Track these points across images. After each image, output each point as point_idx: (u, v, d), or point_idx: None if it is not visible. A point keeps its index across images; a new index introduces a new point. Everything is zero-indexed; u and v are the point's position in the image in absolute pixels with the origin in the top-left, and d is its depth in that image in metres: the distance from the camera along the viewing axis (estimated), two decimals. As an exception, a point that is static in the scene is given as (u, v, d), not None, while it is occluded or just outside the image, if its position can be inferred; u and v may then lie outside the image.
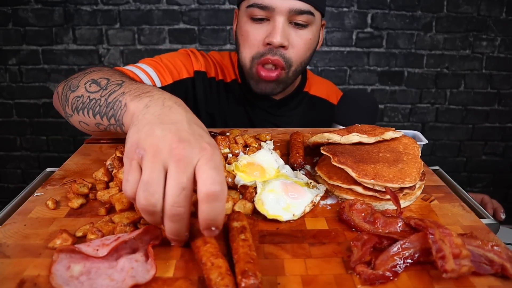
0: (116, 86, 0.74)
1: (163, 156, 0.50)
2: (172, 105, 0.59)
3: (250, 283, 0.46)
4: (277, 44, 1.06)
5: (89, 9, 2.33)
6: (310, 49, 1.16)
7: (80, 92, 0.80)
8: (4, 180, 2.71)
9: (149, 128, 0.54)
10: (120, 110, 0.68)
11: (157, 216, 0.51)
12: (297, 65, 1.15)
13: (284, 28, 1.06)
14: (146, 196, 0.49)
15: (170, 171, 0.50)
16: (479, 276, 0.52)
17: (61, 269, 0.51)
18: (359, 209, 0.64)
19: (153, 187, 0.49)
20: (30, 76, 2.45)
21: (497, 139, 2.65)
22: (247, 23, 1.11)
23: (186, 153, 0.50)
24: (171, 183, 0.49)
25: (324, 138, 0.80)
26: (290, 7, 1.04)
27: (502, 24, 2.41)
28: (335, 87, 1.49)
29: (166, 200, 0.49)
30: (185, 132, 0.53)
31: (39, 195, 0.71)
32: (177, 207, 0.49)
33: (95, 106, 0.76)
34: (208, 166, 0.50)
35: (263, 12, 1.06)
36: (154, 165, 0.50)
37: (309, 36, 1.12)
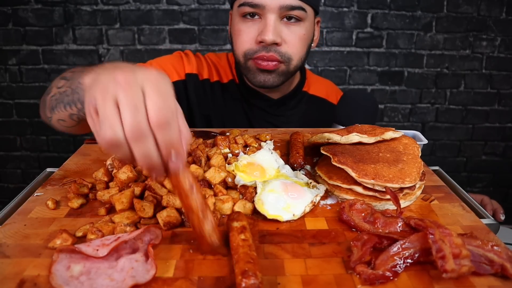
0: (78, 73, 0.77)
1: (111, 90, 0.50)
2: (117, 64, 0.57)
3: (250, 283, 0.46)
4: (269, 41, 1.06)
5: (89, 9, 2.33)
6: (305, 44, 1.15)
7: (53, 91, 0.85)
8: (4, 180, 2.71)
9: (94, 79, 0.54)
10: (82, 91, 0.67)
11: (124, 147, 0.50)
12: (298, 60, 1.15)
13: (276, 25, 1.06)
14: (106, 131, 0.49)
15: (120, 99, 0.50)
16: (479, 276, 0.52)
17: (61, 269, 0.51)
18: (359, 209, 0.64)
19: (109, 120, 0.49)
20: (30, 76, 2.45)
21: (497, 139, 2.65)
22: (239, 22, 1.11)
23: (130, 78, 0.50)
24: (123, 107, 0.49)
25: (324, 138, 0.80)
26: (280, 4, 1.04)
27: (502, 24, 2.40)
28: (335, 87, 1.49)
29: (124, 125, 0.49)
30: (129, 67, 0.54)
31: (39, 195, 0.71)
32: (136, 126, 0.49)
33: (63, 98, 0.79)
34: (153, 92, 0.50)
35: (254, 10, 1.06)
36: (105, 102, 0.50)
37: (302, 32, 1.11)
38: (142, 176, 0.72)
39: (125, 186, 0.68)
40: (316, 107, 1.37)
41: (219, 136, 0.87)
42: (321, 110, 1.37)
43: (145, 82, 0.51)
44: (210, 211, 0.56)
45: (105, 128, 0.49)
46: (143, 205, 0.61)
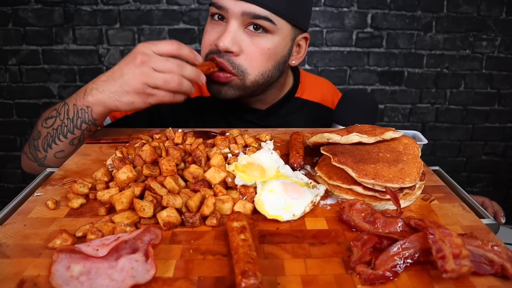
0: (63, 107, 0.95)
1: (146, 70, 0.87)
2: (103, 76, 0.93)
3: (250, 283, 0.46)
4: (222, 48, 0.99)
5: (89, 9, 2.33)
6: (270, 59, 1.05)
7: (43, 133, 0.98)
8: (4, 180, 2.71)
9: (125, 82, 0.88)
10: (87, 113, 0.92)
11: (186, 71, 0.91)
12: (257, 75, 1.05)
13: (235, 33, 0.99)
14: (173, 79, 0.89)
15: (155, 65, 0.87)
16: (479, 276, 0.52)
17: (61, 269, 0.51)
18: (359, 209, 0.64)
19: (167, 75, 0.88)
20: (30, 76, 2.45)
21: (497, 139, 2.66)
22: (209, 22, 1.07)
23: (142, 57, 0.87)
24: (163, 65, 0.88)
25: (324, 138, 0.80)
26: (243, 10, 0.96)
27: (502, 24, 2.41)
28: (332, 88, 1.42)
29: (173, 70, 0.89)
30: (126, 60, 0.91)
31: (39, 195, 0.71)
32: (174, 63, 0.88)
33: (61, 129, 0.95)
34: (157, 46, 0.89)
35: (219, 12, 1.01)
36: (153, 75, 0.87)
37: (266, 45, 1.01)
38: (142, 176, 0.72)
39: (125, 186, 0.68)
40: (311, 113, 1.30)
41: (219, 136, 0.87)
42: (316, 115, 1.31)
43: (145, 48, 0.89)
44: None
45: (169, 83, 0.87)
46: (143, 205, 0.61)
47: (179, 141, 0.85)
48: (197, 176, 0.71)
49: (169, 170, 0.70)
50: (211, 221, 0.62)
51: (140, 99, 0.88)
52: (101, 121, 0.96)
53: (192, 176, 0.71)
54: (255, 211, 0.66)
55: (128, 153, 0.78)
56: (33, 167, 1.04)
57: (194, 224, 0.62)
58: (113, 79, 0.89)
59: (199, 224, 0.62)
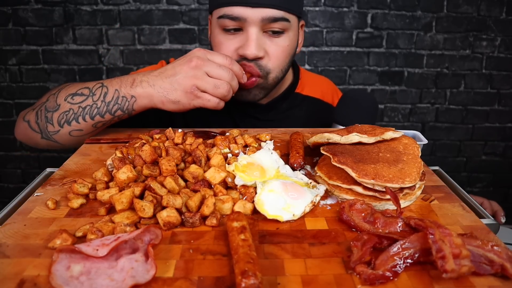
0: (101, 88, 0.94)
1: (199, 73, 0.91)
2: (155, 72, 0.94)
3: (250, 283, 0.46)
4: (251, 56, 1.01)
5: (89, 9, 2.33)
6: (288, 55, 1.11)
7: (65, 107, 0.95)
8: (4, 180, 2.71)
9: (176, 81, 0.91)
10: (128, 102, 0.93)
11: (233, 83, 0.95)
12: (277, 72, 1.11)
13: (258, 39, 1.01)
14: (223, 86, 0.92)
15: (208, 70, 0.92)
16: (479, 276, 0.52)
17: (61, 269, 0.51)
18: (359, 209, 0.64)
19: (218, 81, 0.92)
20: (30, 76, 2.45)
21: (497, 139, 2.65)
22: (219, 34, 1.06)
23: (198, 61, 0.91)
24: (216, 71, 0.92)
25: (324, 138, 0.80)
26: (262, 16, 0.99)
27: (502, 24, 2.41)
28: (332, 85, 1.44)
29: (224, 78, 0.92)
30: (181, 62, 0.95)
31: (39, 195, 0.71)
32: (226, 70, 0.93)
33: (91, 110, 0.93)
34: (210, 55, 0.94)
35: (235, 23, 1.01)
36: (205, 79, 0.91)
37: (286, 43, 1.07)
38: (142, 176, 0.72)
39: (125, 186, 0.68)
40: (311, 108, 1.33)
41: (219, 136, 0.87)
42: (316, 110, 1.34)
43: (201, 53, 0.93)
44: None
45: (218, 88, 0.91)
46: (143, 205, 0.61)
47: (179, 141, 0.85)
48: (197, 176, 0.71)
49: (169, 170, 0.70)
50: (211, 221, 0.62)
51: (186, 99, 0.90)
52: (137, 113, 0.97)
53: (192, 176, 0.71)
54: (255, 211, 0.66)
55: (128, 153, 0.79)
56: (32, 137, 1.01)
57: (194, 224, 0.62)
58: (165, 76, 0.91)
59: (199, 224, 0.62)
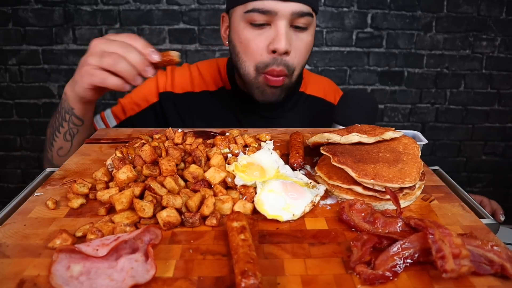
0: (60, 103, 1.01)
1: (97, 52, 0.86)
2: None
3: (250, 283, 0.46)
4: (283, 50, 1.02)
5: (89, 9, 2.33)
6: (309, 51, 1.13)
7: (48, 133, 1.04)
8: (4, 180, 2.71)
9: (81, 67, 0.89)
10: (66, 102, 0.97)
11: (130, 55, 0.85)
12: (299, 70, 1.13)
13: (287, 33, 1.03)
14: (112, 59, 0.85)
15: (105, 49, 0.86)
16: (479, 276, 0.52)
17: (60, 269, 0.51)
18: (359, 209, 0.64)
19: (106, 54, 0.85)
20: (30, 76, 2.45)
21: (497, 139, 2.66)
22: (245, 29, 1.05)
23: (94, 48, 0.87)
24: (111, 47, 0.86)
25: (324, 138, 0.80)
26: (293, 10, 1.01)
27: (502, 24, 2.41)
28: (334, 85, 1.46)
29: (116, 50, 0.85)
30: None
31: (39, 195, 0.71)
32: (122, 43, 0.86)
33: (57, 124, 1.00)
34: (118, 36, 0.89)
35: (264, 17, 1.01)
36: (98, 59, 0.86)
37: (309, 38, 1.09)
38: (142, 176, 0.72)
39: (125, 186, 0.68)
40: (314, 107, 1.35)
41: (218, 136, 0.87)
42: (319, 110, 1.35)
43: (96, 46, 0.87)
44: None
45: (117, 64, 0.83)
46: (143, 205, 0.61)
47: (179, 141, 0.85)
48: (197, 176, 0.71)
49: (169, 170, 0.70)
50: (211, 221, 0.62)
51: (84, 79, 0.89)
52: (80, 112, 0.98)
53: (192, 176, 0.71)
54: (255, 211, 0.66)
55: (128, 153, 0.79)
56: (49, 163, 1.08)
57: (194, 224, 0.62)
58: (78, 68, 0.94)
59: (199, 224, 0.62)
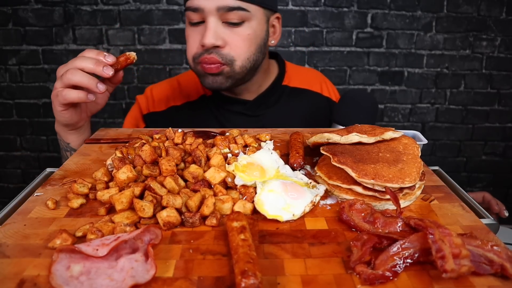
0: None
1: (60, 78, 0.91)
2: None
3: (250, 283, 0.46)
4: (208, 45, 1.06)
5: (89, 9, 2.33)
6: (252, 44, 1.13)
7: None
8: (4, 180, 2.71)
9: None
10: (61, 140, 1.07)
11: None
12: (243, 61, 1.13)
13: (216, 28, 1.07)
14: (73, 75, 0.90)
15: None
16: (479, 276, 0.52)
17: (61, 269, 0.51)
18: (359, 209, 0.64)
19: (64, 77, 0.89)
20: (30, 76, 2.45)
21: (497, 139, 2.65)
22: (187, 27, 1.14)
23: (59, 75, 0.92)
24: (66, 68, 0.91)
25: (324, 138, 0.80)
26: (217, 5, 1.04)
27: (502, 24, 2.41)
28: (320, 75, 1.46)
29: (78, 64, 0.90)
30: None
31: (39, 195, 0.71)
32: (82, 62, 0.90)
33: (65, 155, 1.09)
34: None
35: (197, 15, 1.08)
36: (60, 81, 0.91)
37: (246, 32, 1.10)
38: (142, 176, 0.72)
39: (125, 186, 0.68)
40: (299, 99, 1.35)
41: (218, 136, 0.87)
42: (304, 101, 1.35)
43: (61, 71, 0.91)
44: None
45: (73, 77, 0.88)
46: (143, 205, 0.61)
47: (179, 141, 0.85)
48: (197, 176, 0.71)
49: (169, 170, 0.71)
50: (211, 221, 0.62)
51: (54, 104, 0.95)
52: (76, 143, 1.05)
53: (192, 176, 0.71)
54: (255, 211, 0.66)
55: (128, 153, 0.79)
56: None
57: (194, 224, 0.62)
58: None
59: (199, 224, 0.62)
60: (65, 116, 0.96)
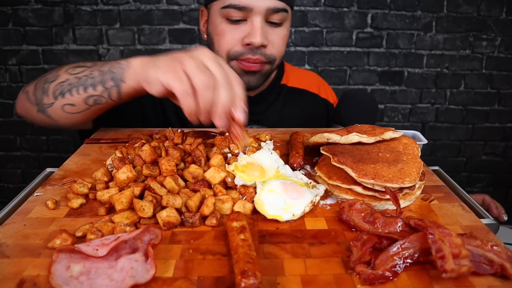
0: (105, 62, 0.89)
1: (199, 56, 0.73)
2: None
3: (250, 283, 0.46)
4: (258, 44, 1.07)
5: (89, 9, 2.33)
6: (286, 43, 1.18)
7: (62, 78, 0.91)
8: (4, 180, 2.71)
9: (174, 54, 0.75)
10: (120, 69, 0.84)
11: (220, 90, 0.71)
12: (279, 59, 1.18)
13: (263, 28, 1.07)
14: (206, 74, 0.70)
15: (207, 61, 0.72)
16: (479, 276, 0.52)
17: (60, 269, 0.51)
18: (359, 209, 0.64)
19: (204, 67, 0.71)
20: (30, 76, 2.45)
21: (497, 139, 2.65)
22: (222, 23, 1.09)
23: (208, 52, 0.74)
24: (213, 65, 0.72)
25: (324, 138, 0.80)
26: (267, 6, 1.05)
27: (502, 24, 2.40)
28: (318, 78, 1.49)
29: (215, 74, 0.71)
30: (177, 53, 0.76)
31: (39, 195, 0.71)
32: (223, 73, 0.72)
33: (86, 80, 0.88)
34: (211, 60, 0.73)
35: (240, 13, 1.06)
36: (196, 60, 0.71)
37: (284, 32, 1.14)
38: (142, 176, 0.72)
39: (125, 186, 0.68)
40: (297, 99, 1.37)
41: (218, 136, 0.87)
42: (302, 101, 1.37)
43: (202, 56, 0.72)
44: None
45: (200, 72, 0.69)
46: (142, 205, 0.61)
47: (179, 141, 0.85)
48: (197, 176, 0.71)
49: (168, 170, 0.71)
50: (211, 221, 0.62)
51: (164, 74, 0.72)
52: (127, 90, 0.85)
53: (192, 176, 0.71)
54: (255, 211, 0.66)
55: (128, 153, 0.79)
56: (30, 111, 0.96)
57: (194, 224, 0.62)
58: (164, 55, 0.79)
59: (198, 224, 0.62)
60: (156, 87, 0.74)
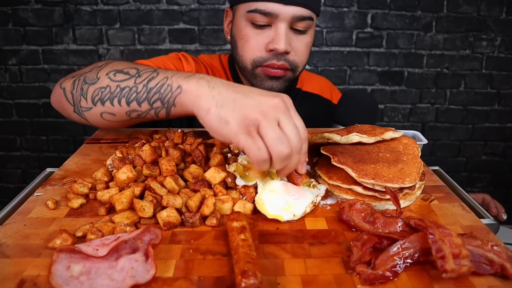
0: (151, 73, 0.78)
1: (272, 114, 0.63)
2: (224, 81, 0.71)
3: (250, 283, 0.46)
4: (281, 51, 1.07)
5: (89, 9, 2.33)
6: (309, 51, 1.18)
7: (103, 83, 0.81)
8: (4, 180, 2.71)
9: (242, 102, 0.64)
10: (171, 93, 0.73)
11: (293, 157, 0.64)
12: (303, 67, 1.18)
13: (287, 35, 1.07)
14: (286, 146, 0.61)
15: (283, 121, 0.63)
16: (479, 276, 0.52)
17: (61, 269, 0.51)
18: (359, 209, 0.64)
19: (284, 137, 0.62)
20: (30, 76, 2.45)
21: (497, 139, 2.65)
22: (247, 27, 1.10)
23: (282, 104, 0.66)
24: (289, 128, 0.63)
25: (324, 138, 0.80)
26: (293, 14, 1.04)
27: (502, 24, 2.40)
28: (330, 83, 1.49)
29: (291, 141, 0.63)
30: (263, 92, 0.68)
31: (39, 195, 0.71)
32: (298, 142, 0.64)
33: (129, 93, 0.78)
34: (296, 114, 0.69)
35: (265, 19, 1.05)
36: (273, 124, 0.62)
37: (308, 40, 1.14)
38: (142, 176, 0.72)
39: (125, 186, 0.68)
40: (311, 104, 1.38)
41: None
42: (315, 106, 1.38)
43: (279, 113, 0.64)
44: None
45: (284, 143, 0.61)
46: (143, 205, 0.61)
47: (179, 141, 0.85)
48: (197, 176, 0.71)
49: (169, 170, 0.71)
50: (211, 221, 0.62)
51: (237, 128, 0.63)
52: (175, 114, 0.77)
53: (192, 176, 0.71)
54: (255, 211, 0.66)
55: (128, 153, 0.78)
56: (66, 108, 0.89)
57: (194, 224, 0.62)
58: (233, 89, 0.68)
59: (199, 224, 0.62)
60: (213, 124, 0.67)
